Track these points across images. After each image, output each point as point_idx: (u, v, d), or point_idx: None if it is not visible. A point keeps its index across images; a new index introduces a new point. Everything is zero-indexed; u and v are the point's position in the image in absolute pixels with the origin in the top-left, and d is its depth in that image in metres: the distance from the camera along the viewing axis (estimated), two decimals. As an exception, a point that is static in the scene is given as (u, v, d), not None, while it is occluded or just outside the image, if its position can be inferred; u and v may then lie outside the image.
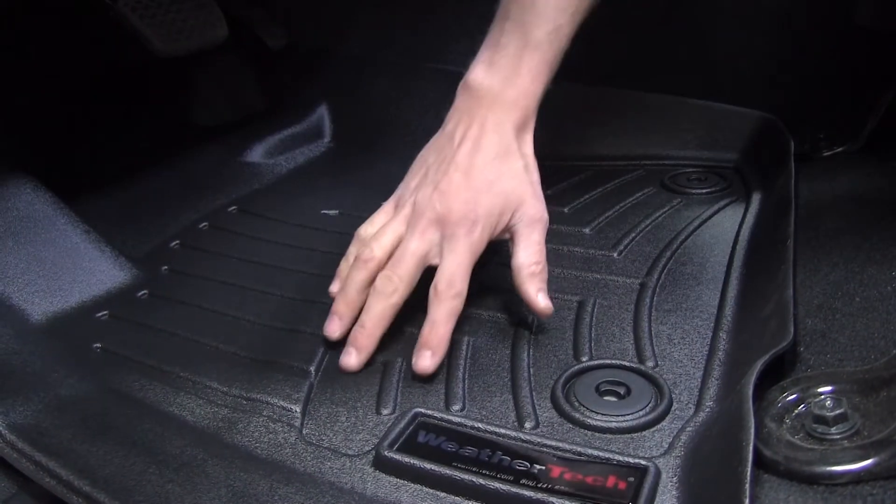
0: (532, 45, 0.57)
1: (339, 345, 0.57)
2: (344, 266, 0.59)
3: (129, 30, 0.86)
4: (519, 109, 0.57)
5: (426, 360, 0.52)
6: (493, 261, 0.67)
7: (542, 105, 0.90)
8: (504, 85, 0.57)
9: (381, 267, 0.55)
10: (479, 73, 0.58)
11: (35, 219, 0.67)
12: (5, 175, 0.68)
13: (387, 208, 0.59)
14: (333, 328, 0.55)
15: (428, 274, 0.55)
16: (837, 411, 0.39)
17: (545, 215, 0.57)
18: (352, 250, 0.59)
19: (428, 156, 0.59)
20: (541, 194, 0.58)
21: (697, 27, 0.85)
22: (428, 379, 0.52)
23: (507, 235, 0.57)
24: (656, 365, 0.51)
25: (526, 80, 0.57)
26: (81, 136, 0.92)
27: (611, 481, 0.40)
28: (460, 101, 0.59)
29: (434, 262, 0.55)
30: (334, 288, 0.59)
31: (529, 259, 0.55)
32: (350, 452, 0.46)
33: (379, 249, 0.55)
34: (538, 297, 0.54)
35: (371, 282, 0.55)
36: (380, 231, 0.57)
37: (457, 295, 0.53)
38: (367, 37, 1.03)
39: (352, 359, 0.53)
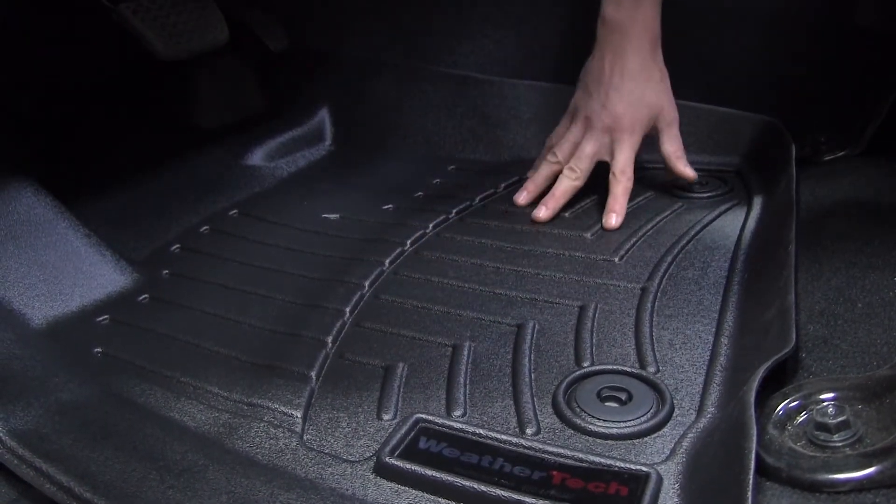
0: None
1: (340, 348, 0.57)
2: (537, 161, 0.82)
3: (130, 33, 0.86)
4: (647, 32, 0.74)
5: (612, 219, 0.73)
6: (489, 263, 0.67)
7: (543, 107, 0.91)
8: (632, 16, 0.73)
9: (562, 166, 0.77)
10: (611, 11, 0.74)
11: (35, 222, 0.67)
12: (6, 178, 0.68)
13: (564, 121, 0.80)
14: (523, 197, 0.79)
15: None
16: (840, 418, 0.39)
17: (677, 114, 0.77)
18: (543, 152, 0.81)
19: (588, 81, 0.77)
20: (672, 96, 0.76)
21: (698, 31, 0.85)
22: (429, 384, 0.52)
23: (654, 132, 0.77)
24: (658, 370, 0.51)
25: (648, 11, 0.73)
26: (82, 139, 0.92)
27: (612, 488, 0.40)
28: (601, 34, 0.76)
29: (605, 158, 0.76)
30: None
31: (673, 147, 0.76)
32: (351, 458, 0.45)
33: (561, 155, 0.78)
34: (686, 169, 0.76)
35: (555, 175, 0.78)
36: (561, 142, 0.78)
37: (629, 178, 0.75)
38: (369, 39, 1.03)
39: (542, 212, 0.75)
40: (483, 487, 0.41)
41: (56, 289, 0.64)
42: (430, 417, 0.47)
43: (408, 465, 0.43)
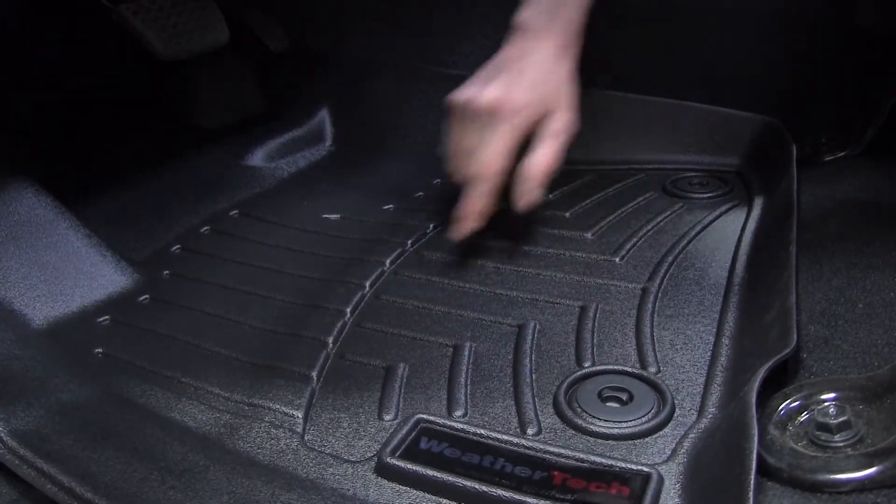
0: None
1: (341, 349, 0.57)
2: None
3: (130, 33, 0.86)
4: (561, 36, 0.64)
5: (462, 227, 0.65)
6: (491, 264, 0.67)
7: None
8: (549, 20, 0.64)
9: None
10: (527, 14, 0.65)
11: (36, 223, 0.67)
12: (6, 179, 0.68)
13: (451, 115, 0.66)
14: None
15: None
16: (841, 419, 0.39)
17: (574, 124, 0.65)
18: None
19: (481, 72, 0.66)
20: (574, 105, 0.65)
21: (699, 31, 0.85)
22: (430, 384, 0.52)
23: (532, 137, 0.64)
24: (658, 371, 0.51)
25: (565, 17, 0.65)
26: (83, 139, 0.92)
27: (614, 488, 0.40)
28: (513, 37, 0.66)
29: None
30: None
31: (542, 158, 0.63)
32: (352, 459, 0.46)
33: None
34: (525, 196, 0.64)
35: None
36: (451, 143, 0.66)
37: (492, 175, 0.62)
38: (369, 40, 1.03)
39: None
40: (484, 488, 0.41)
41: (57, 289, 0.64)
42: (432, 418, 0.47)
43: (409, 466, 0.43)
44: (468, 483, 0.41)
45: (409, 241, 0.72)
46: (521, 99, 0.61)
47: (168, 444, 0.47)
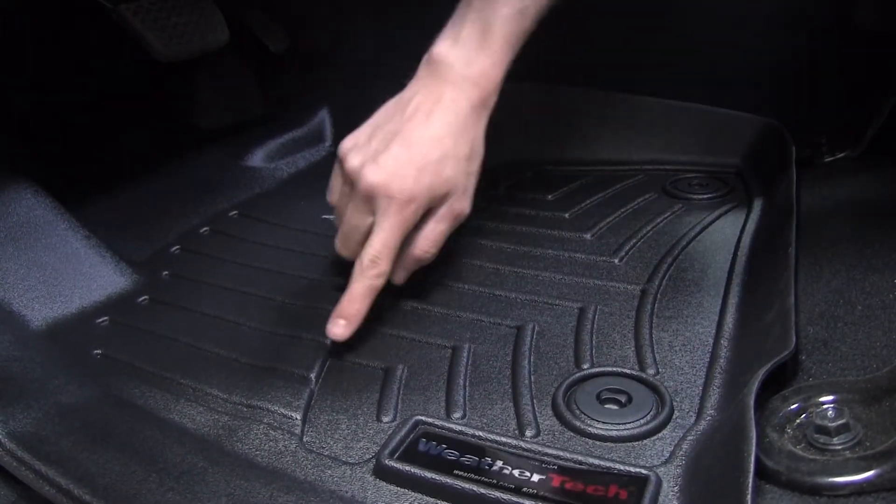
0: (497, 23, 0.57)
1: (340, 351, 0.57)
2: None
3: (130, 34, 0.86)
4: (478, 88, 0.57)
5: (339, 328, 0.55)
6: (490, 266, 0.67)
7: (543, 108, 0.91)
8: (467, 63, 0.57)
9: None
10: (444, 48, 0.58)
11: (35, 224, 0.67)
12: (5, 180, 0.68)
13: (338, 169, 0.60)
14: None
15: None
16: (839, 421, 0.39)
17: (466, 210, 0.59)
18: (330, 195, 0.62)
19: (379, 118, 0.59)
20: (472, 187, 0.59)
21: (698, 32, 0.85)
22: (429, 386, 0.52)
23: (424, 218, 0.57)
24: (657, 372, 0.51)
25: (488, 60, 0.57)
26: (82, 140, 0.92)
27: (612, 491, 0.40)
28: (422, 73, 0.59)
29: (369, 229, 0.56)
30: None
31: (424, 243, 0.57)
32: (350, 460, 0.46)
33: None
34: (398, 273, 0.58)
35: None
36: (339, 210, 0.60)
37: (380, 274, 0.55)
38: (369, 40, 1.03)
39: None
40: (482, 490, 0.41)
41: (56, 290, 0.64)
42: (430, 419, 0.47)
43: (407, 468, 0.43)
44: (466, 485, 0.41)
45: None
46: (411, 189, 0.54)
47: (167, 445, 0.47)
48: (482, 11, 0.57)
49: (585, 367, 0.52)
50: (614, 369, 0.51)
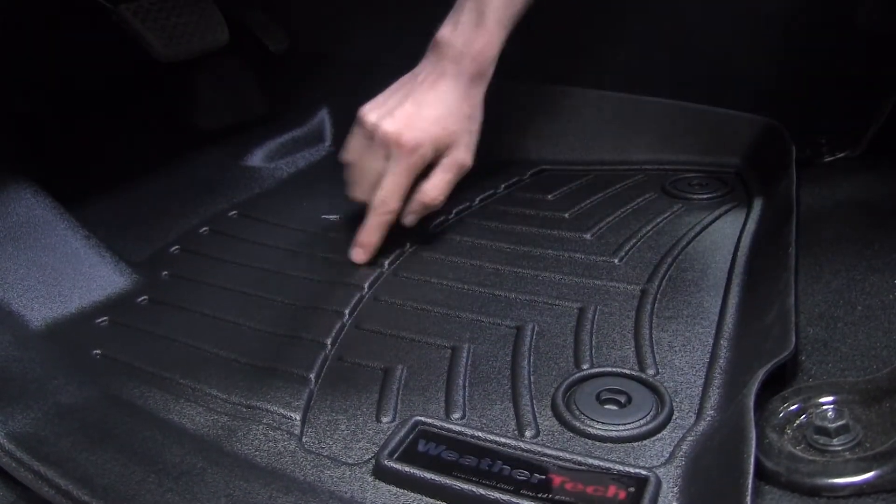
0: (490, 9, 0.66)
1: (340, 350, 0.57)
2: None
3: (130, 34, 0.86)
4: (476, 63, 0.66)
5: (359, 254, 0.67)
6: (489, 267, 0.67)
7: (543, 108, 0.91)
8: (466, 44, 0.66)
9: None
10: (446, 33, 0.67)
11: (35, 224, 0.67)
12: (5, 179, 0.68)
13: (356, 129, 0.68)
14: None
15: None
16: (839, 422, 0.39)
17: (469, 162, 0.68)
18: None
19: (394, 87, 0.69)
20: (474, 142, 0.68)
21: (698, 32, 0.85)
22: (428, 386, 0.52)
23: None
24: (657, 373, 0.51)
25: (483, 39, 0.66)
26: (81, 140, 0.92)
27: (611, 491, 0.40)
28: (429, 54, 0.69)
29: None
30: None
31: (432, 190, 0.66)
32: (350, 461, 0.45)
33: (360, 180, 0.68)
34: (408, 216, 0.68)
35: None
36: (357, 162, 0.68)
37: (389, 212, 0.66)
38: (369, 40, 1.03)
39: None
40: (482, 490, 0.41)
41: (55, 290, 0.64)
42: (429, 420, 0.46)
43: (407, 468, 0.43)
44: (466, 486, 0.41)
45: (409, 242, 0.72)
46: (420, 137, 0.64)
47: (166, 446, 0.47)
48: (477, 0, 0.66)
49: (585, 367, 0.52)
50: (614, 370, 0.51)
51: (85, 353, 0.58)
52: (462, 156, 0.67)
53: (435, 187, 0.66)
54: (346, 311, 0.61)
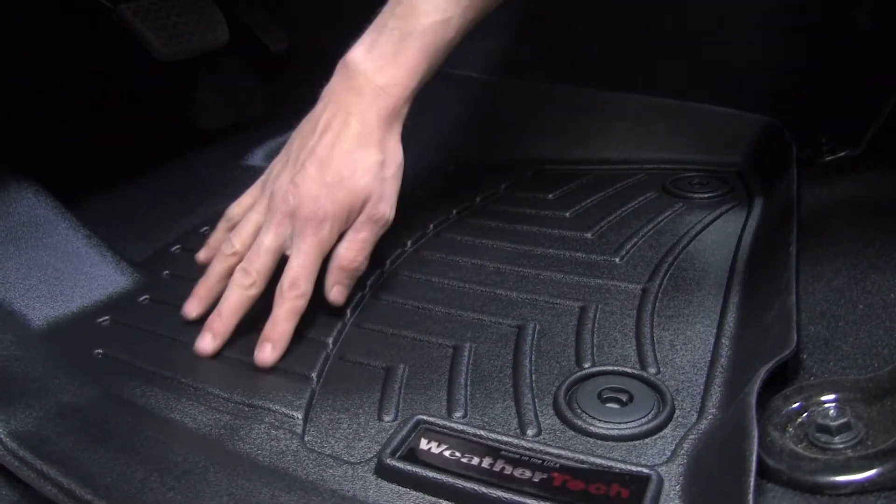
0: (416, 33, 0.57)
1: (341, 349, 0.57)
2: (212, 238, 0.65)
3: (130, 33, 0.86)
4: (389, 98, 0.57)
5: (266, 352, 0.55)
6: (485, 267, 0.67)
7: (543, 108, 0.91)
8: (379, 71, 0.57)
9: (241, 259, 0.58)
10: (359, 55, 0.58)
11: (36, 223, 0.67)
12: (6, 179, 0.68)
13: (253, 190, 0.63)
14: (191, 308, 0.60)
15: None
16: (841, 420, 0.39)
17: (387, 215, 0.59)
18: (220, 226, 0.65)
19: (294, 140, 0.61)
20: (391, 191, 0.59)
21: (699, 31, 0.85)
22: (430, 385, 0.52)
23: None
24: (658, 371, 0.51)
25: (402, 69, 0.57)
26: (82, 140, 0.92)
27: (613, 490, 0.40)
28: (335, 79, 0.60)
29: (289, 252, 0.57)
30: (201, 256, 0.65)
31: (348, 253, 0.58)
32: (352, 460, 0.45)
33: (239, 244, 0.59)
34: (332, 290, 0.58)
35: (231, 272, 0.58)
36: (242, 222, 0.60)
37: (300, 296, 0.56)
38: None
39: (206, 343, 0.56)
40: (484, 489, 0.41)
41: (56, 290, 0.64)
42: (431, 419, 0.47)
43: (409, 467, 0.43)
44: (468, 484, 0.41)
45: (409, 242, 0.72)
46: (326, 208, 0.55)
47: (168, 445, 0.47)
48: (403, 19, 0.57)
49: (586, 366, 0.52)
50: (615, 368, 0.51)
51: (86, 353, 0.58)
52: (377, 211, 0.58)
53: (349, 249, 0.57)
54: (347, 310, 0.61)
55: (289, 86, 1.04)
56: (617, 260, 0.66)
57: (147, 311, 0.65)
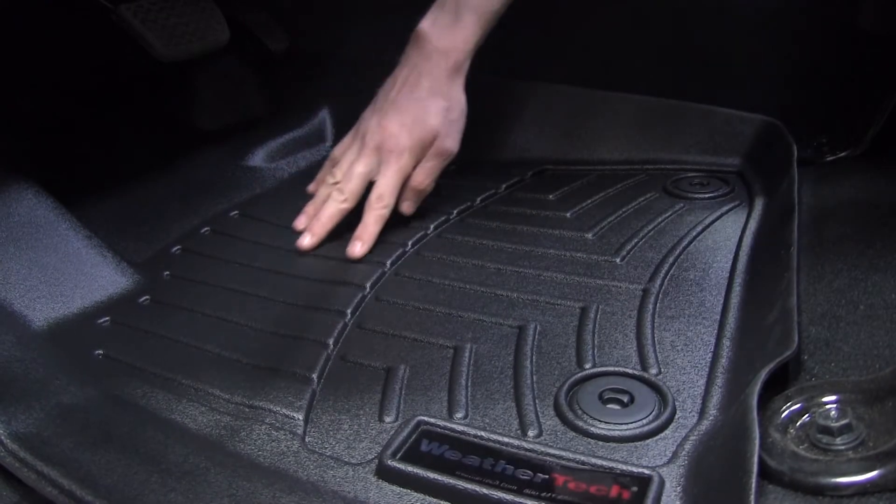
0: (470, 7, 0.72)
1: (342, 350, 0.57)
2: (319, 174, 0.80)
3: (130, 34, 0.86)
4: (450, 59, 0.73)
5: (357, 248, 0.70)
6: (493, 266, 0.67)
7: (544, 108, 0.91)
8: (441, 38, 0.72)
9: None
10: (426, 26, 0.74)
11: (36, 224, 0.67)
12: (7, 180, 0.68)
13: (348, 136, 0.77)
14: (300, 223, 0.75)
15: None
16: (842, 421, 0.39)
17: (452, 149, 0.74)
18: (325, 165, 0.79)
19: (378, 95, 0.76)
20: (456, 130, 0.74)
21: (700, 31, 0.85)
22: (431, 386, 0.52)
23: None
24: (659, 372, 0.51)
25: (459, 36, 0.72)
26: (83, 140, 0.92)
27: (614, 491, 0.40)
28: (409, 47, 0.75)
29: (375, 178, 0.73)
30: (311, 188, 0.79)
31: (419, 177, 0.74)
32: (353, 461, 0.45)
33: (340, 174, 0.74)
34: (404, 204, 0.74)
35: None
36: (341, 160, 0.75)
37: (385, 206, 0.72)
38: (369, 40, 1.03)
39: (306, 240, 0.72)
40: (485, 490, 0.41)
41: (57, 291, 0.64)
42: (432, 420, 0.47)
43: (410, 468, 0.43)
44: (469, 486, 0.41)
45: (410, 242, 0.72)
46: (404, 142, 0.72)
47: (169, 446, 0.47)
48: None
49: (587, 366, 0.52)
50: (616, 369, 0.51)
51: (87, 354, 0.58)
52: (445, 144, 0.73)
53: (421, 174, 0.73)
54: (349, 311, 0.61)
55: (289, 86, 1.04)
56: (618, 260, 0.66)
57: (147, 312, 0.65)
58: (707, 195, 0.76)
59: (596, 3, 0.88)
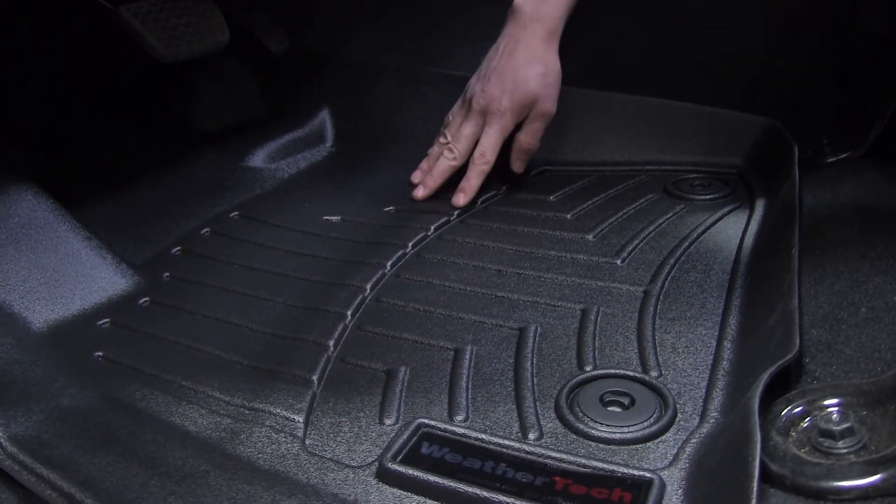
0: None
1: (342, 352, 0.57)
2: (437, 139, 0.86)
3: (130, 35, 0.86)
4: (544, 27, 0.79)
5: (460, 198, 0.80)
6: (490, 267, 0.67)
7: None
8: (535, 10, 0.79)
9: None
10: (520, 1, 0.80)
11: (36, 225, 0.67)
12: (6, 181, 0.68)
13: (457, 104, 0.85)
14: (416, 176, 0.85)
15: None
16: (844, 425, 0.39)
17: (551, 110, 0.80)
18: (442, 130, 0.86)
19: (482, 64, 0.83)
20: (553, 92, 0.80)
21: (701, 33, 0.85)
22: (431, 388, 0.52)
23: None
24: (660, 374, 0.51)
25: (550, 6, 0.79)
26: (83, 142, 0.92)
27: (615, 494, 0.40)
28: (508, 20, 0.82)
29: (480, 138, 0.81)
30: (431, 150, 0.87)
31: (526, 139, 0.81)
32: (353, 464, 0.45)
33: (451, 136, 0.83)
34: (515, 163, 0.83)
35: None
36: (451, 124, 0.84)
37: (486, 162, 0.81)
38: (369, 41, 1.03)
39: (419, 192, 0.83)
40: (485, 493, 0.41)
41: (57, 292, 0.64)
42: (433, 422, 0.46)
43: (410, 471, 0.43)
44: (469, 489, 0.41)
45: (410, 244, 0.72)
46: (506, 105, 0.79)
47: (168, 449, 0.47)
48: None
49: (588, 369, 0.52)
50: (617, 371, 0.51)
51: (86, 356, 0.58)
52: (544, 106, 0.79)
53: (527, 135, 0.81)
54: (349, 313, 0.61)
55: (289, 86, 1.04)
56: (618, 262, 0.66)
57: (147, 314, 0.64)
58: (708, 196, 0.76)
59: (597, 4, 0.88)
